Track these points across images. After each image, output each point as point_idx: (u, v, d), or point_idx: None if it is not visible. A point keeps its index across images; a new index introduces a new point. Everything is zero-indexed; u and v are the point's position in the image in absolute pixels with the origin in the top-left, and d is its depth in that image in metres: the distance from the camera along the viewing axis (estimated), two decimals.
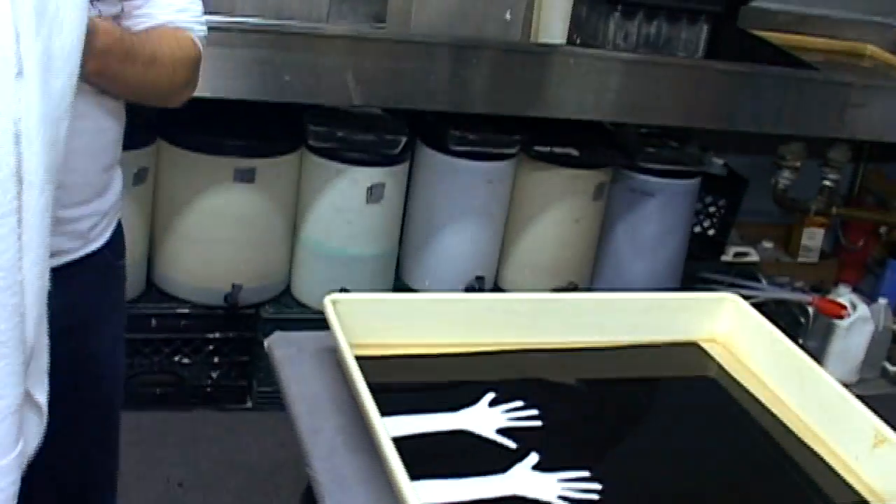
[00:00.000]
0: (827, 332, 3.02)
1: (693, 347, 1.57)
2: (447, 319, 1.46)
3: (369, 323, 1.43)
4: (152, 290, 2.59)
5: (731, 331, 1.56)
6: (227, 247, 2.52)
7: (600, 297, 1.54)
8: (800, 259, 3.35)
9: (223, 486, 2.34)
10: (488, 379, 1.42)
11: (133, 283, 2.50)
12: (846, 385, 3.01)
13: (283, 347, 1.47)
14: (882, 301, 3.09)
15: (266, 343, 1.49)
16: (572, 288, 2.75)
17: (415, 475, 1.19)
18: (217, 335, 2.59)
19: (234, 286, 2.51)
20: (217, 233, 2.51)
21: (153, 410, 2.54)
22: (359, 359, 1.39)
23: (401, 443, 1.24)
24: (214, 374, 2.62)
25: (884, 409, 1.30)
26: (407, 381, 1.41)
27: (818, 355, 3.07)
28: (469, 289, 2.67)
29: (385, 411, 1.29)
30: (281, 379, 1.41)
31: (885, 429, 1.26)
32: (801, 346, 2.91)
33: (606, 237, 2.83)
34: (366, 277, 2.61)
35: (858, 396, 1.41)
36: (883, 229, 3.39)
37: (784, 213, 3.29)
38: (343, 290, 2.55)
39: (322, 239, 2.57)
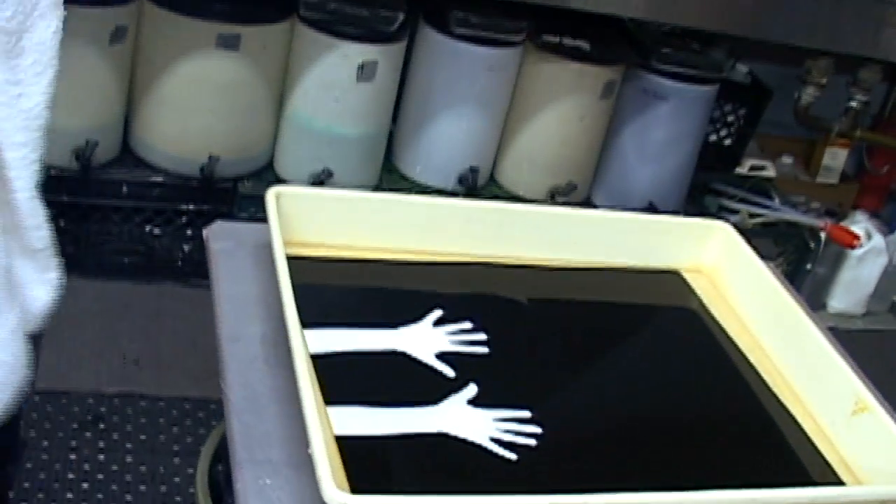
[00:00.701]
0: (837, 260, 2.86)
1: (674, 276, 1.42)
2: (403, 223, 1.32)
3: (315, 221, 1.29)
4: (127, 155, 2.45)
5: (719, 263, 1.41)
6: (207, 116, 2.37)
7: (575, 212, 1.39)
8: (819, 179, 3.16)
9: (180, 366, 2.23)
10: (438, 293, 1.28)
11: (107, 146, 2.36)
12: (851, 317, 2.89)
13: (221, 239, 1.33)
14: None
15: (205, 233, 1.35)
16: (571, 188, 2.60)
17: (333, 400, 1.07)
18: (191, 207, 2.45)
19: (210, 157, 2.37)
20: (197, 101, 2.35)
21: (119, 280, 2.43)
22: (297, 259, 1.26)
23: (324, 361, 1.12)
24: (186, 248, 2.49)
25: (889, 345, 1.18)
26: (345, 289, 1.27)
27: (826, 283, 2.92)
28: (462, 179, 2.53)
29: (313, 322, 1.16)
30: (212, 274, 1.27)
31: (867, 396, 1.12)
32: (809, 272, 2.80)
33: (612, 139, 2.65)
34: (352, 158, 2.47)
35: (862, 332, 1.26)
36: None
37: (808, 130, 3.10)
38: (327, 170, 2.41)
39: (308, 115, 2.42)
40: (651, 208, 2.60)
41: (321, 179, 2.40)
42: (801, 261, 2.83)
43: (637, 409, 1.19)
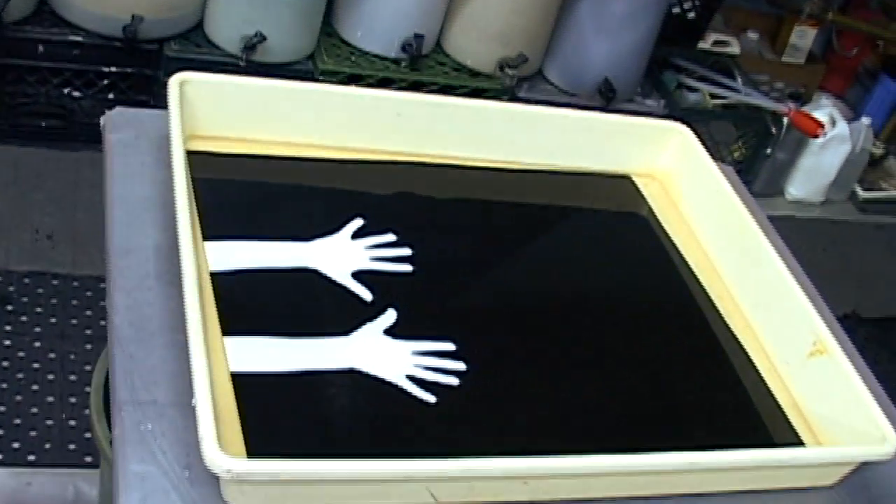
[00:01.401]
0: (799, 146, 2.74)
1: (624, 181, 1.29)
2: (323, 117, 1.17)
3: (226, 112, 1.14)
4: (43, 12, 2.24)
5: (674, 169, 1.28)
6: None
7: (518, 108, 1.24)
8: (785, 58, 3.01)
9: (95, 243, 2.08)
10: (360, 198, 1.14)
11: (21, 2, 2.16)
12: (810, 205, 2.78)
13: (120, 129, 1.17)
14: (864, 120, 2.79)
15: (101, 121, 1.19)
16: (522, 60, 2.43)
17: (232, 329, 0.94)
18: (113, 69, 2.27)
19: (134, 17, 2.18)
20: None
21: (35, 146, 2.26)
22: (203, 155, 1.12)
23: (225, 280, 0.98)
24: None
25: (846, 236, 1.08)
26: (255, 194, 1.12)
27: (785, 169, 2.80)
28: (406, 46, 2.35)
29: (215, 233, 1.02)
30: (105, 170, 1.12)
31: (827, 337, 1.01)
32: (768, 157, 2.68)
33: (568, 9, 2.46)
34: (287, 21, 2.27)
35: (820, 220, 1.14)
36: (880, 42, 3.04)
37: (778, 9, 2.93)
38: (259, 34, 2.23)
39: None
40: (606, 86, 2.45)
41: (253, 44, 2.22)
42: (760, 145, 2.71)
43: (575, 336, 1.06)
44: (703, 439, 0.98)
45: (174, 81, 1.10)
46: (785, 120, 2.61)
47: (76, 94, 2.28)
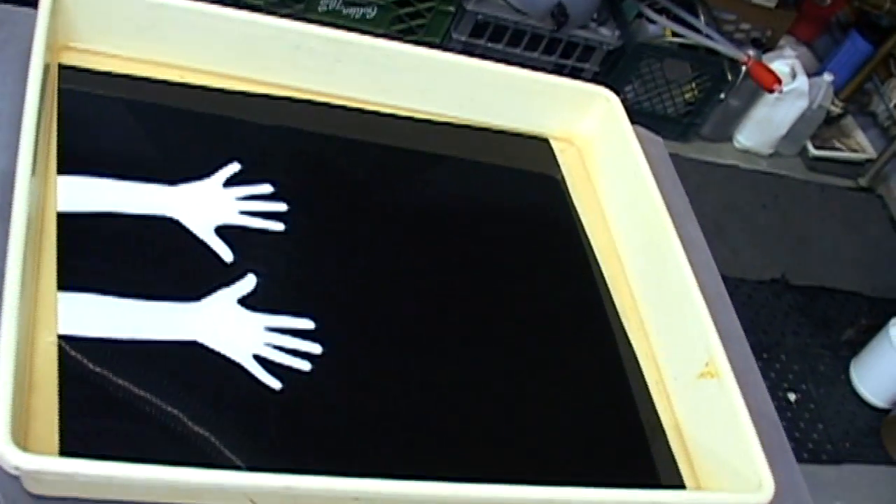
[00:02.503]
0: (753, 96, 2.64)
1: (540, 143, 1.20)
2: (213, 42, 1.05)
3: (106, 24, 1.02)
4: None
5: (594, 138, 1.19)
6: None
7: (432, 54, 1.13)
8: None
9: None
10: (240, 136, 1.04)
11: None
12: (757, 156, 2.70)
13: None
14: (826, 77, 2.70)
15: None
16: None
17: (68, 284, 0.84)
18: None
19: None
20: None
21: None
22: (74, 70, 1.01)
23: (71, 223, 0.88)
24: None
25: (790, 193, 1.01)
26: (122, 121, 1.01)
27: (737, 117, 2.71)
28: None
29: (71, 167, 0.92)
30: None
31: (721, 359, 0.93)
32: (720, 102, 2.58)
33: None
34: None
35: (765, 174, 1.05)
36: None
37: None
38: None
39: None
40: (559, 9, 2.32)
41: None
42: (714, 90, 2.61)
43: (452, 323, 0.98)
44: (565, 456, 0.91)
45: None
46: (743, 68, 2.51)
47: None
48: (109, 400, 0.79)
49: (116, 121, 1.00)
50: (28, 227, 0.79)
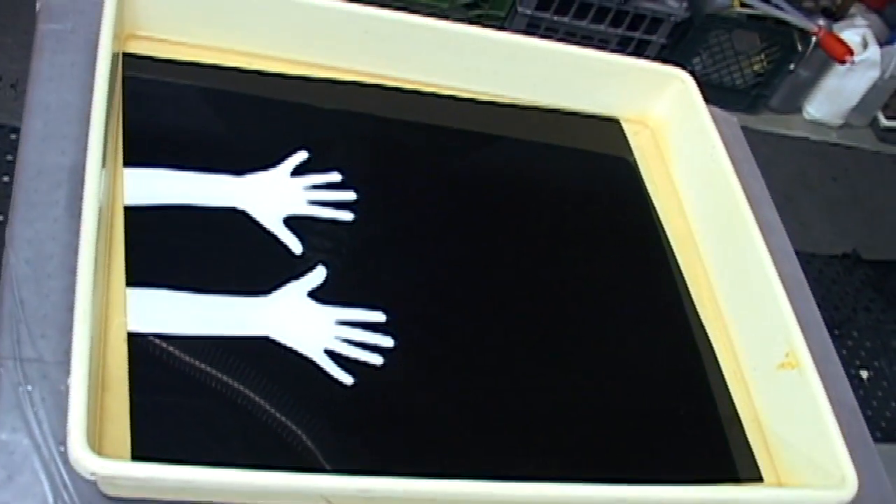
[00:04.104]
0: (823, 66, 2.58)
1: (611, 124, 1.17)
2: (284, 28, 1.04)
3: (172, 9, 1.01)
4: None
5: (668, 120, 1.16)
6: None
7: (504, 37, 1.11)
8: None
9: None
10: (309, 124, 1.02)
11: None
12: (827, 127, 2.64)
13: (56, 18, 1.03)
14: None
15: (37, 5, 1.06)
16: None
17: (137, 279, 0.83)
18: None
19: None
20: None
21: None
22: (140, 59, 1.00)
23: (139, 217, 0.88)
24: None
25: (861, 165, 0.98)
26: (191, 109, 1.00)
27: (807, 87, 2.65)
28: None
29: (138, 158, 0.91)
30: (32, 69, 1.00)
31: (802, 350, 0.90)
32: (790, 73, 2.52)
33: None
34: None
35: (836, 146, 1.02)
36: None
37: None
38: None
39: None
40: None
41: None
42: (783, 60, 2.55)
43: (526, 316, 0.95)
44: (644, 449, 0.89)
45: None
46: (813, 39, 2.45)
47: None
48: (181, 397, 0.79)
49: (182, 110, 0.99)
50: (98, 223, 0.78)
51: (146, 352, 0.79)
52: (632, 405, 0.92)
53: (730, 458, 0.90)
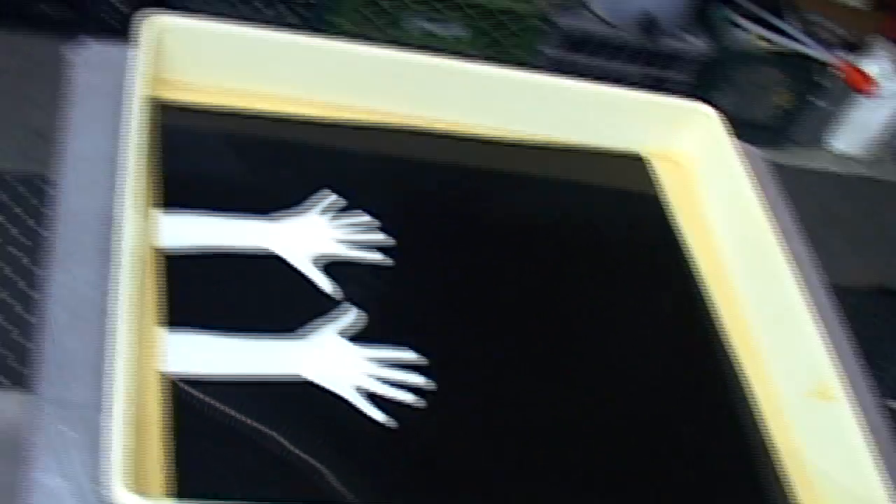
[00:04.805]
0: (843, 97, 2.57)
1: (633, 161, 1.17)
2: (313, 73, 1.06)
3: (199, 57, 1.03)
4: None
5: (694, 154, 1.16)
6: None
7: (526, 76, 1.12)
8: None
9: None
10: (336, 165, 1.03)
11: None
12: (854, 161, 2.63)
13: (87, 67, 1.04)
14: None
15: (68, 54, 1.07)
16: None
17: (172, 321, 0.84)
18: None
19: None
20: None
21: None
22: (171, 108, 1.01)
23: (171, 261, 0.89)
24: None
25: (890, 199, 0.97)
26: (222, 155, 1.01)
27: (830, 120, 2.65)
28: None
29: (171, 202, 0.92)
30: (65, 118, 1.01)
31: (835, 383, 0.90)
32: (812, 106, 2.52)
33: None
34: None
35: (862, 179, 1.01)
36: None
37: None
38: None
39: None
40: (649, 19, 2.30)
41: None
42: (806, 92, 2.55)
43: (558, 352, 0.95)
44: (681, 481, 0.88)
45: (148, 27, 0.98)
46: (835, 71, 2.45)
47: None
48: (217, 438, 0.79)
49: (212, 155, 1.01)
50: (132, 267, 0.79)
51: (183, 394, 0.80)
52: (669, 443, 0.92)
53: (760, 489, 0.90)
